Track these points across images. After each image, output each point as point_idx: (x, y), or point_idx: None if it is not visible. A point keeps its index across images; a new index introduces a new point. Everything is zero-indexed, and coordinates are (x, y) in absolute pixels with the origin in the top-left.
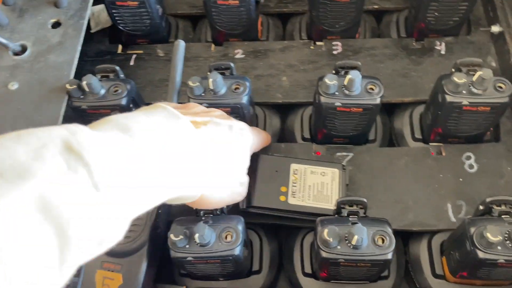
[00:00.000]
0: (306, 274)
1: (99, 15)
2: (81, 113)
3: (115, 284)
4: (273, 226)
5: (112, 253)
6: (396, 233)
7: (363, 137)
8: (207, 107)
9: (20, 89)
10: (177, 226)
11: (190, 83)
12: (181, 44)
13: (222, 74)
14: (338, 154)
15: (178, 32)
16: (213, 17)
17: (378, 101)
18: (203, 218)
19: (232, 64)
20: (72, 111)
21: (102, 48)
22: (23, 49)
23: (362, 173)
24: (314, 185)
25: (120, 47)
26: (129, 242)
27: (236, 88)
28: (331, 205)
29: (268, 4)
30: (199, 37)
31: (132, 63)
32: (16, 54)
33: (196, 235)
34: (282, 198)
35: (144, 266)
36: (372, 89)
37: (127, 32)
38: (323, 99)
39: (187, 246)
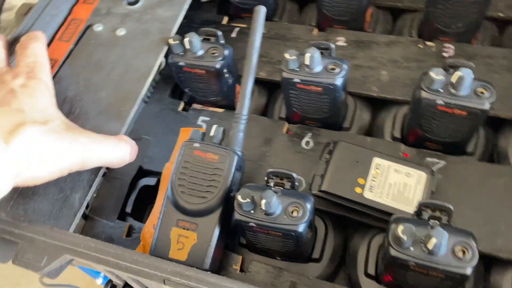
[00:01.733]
0: (368, 275)
1: None
2: (178, 70)
3: (189, 242)
4: (341, 218)
5: (188, 212)
6: (479, 256)
7: (460, 147)
8: (299, 84)
9: (126, 36)
10: (246, 190)
11: (287, 55)
12: (262, 10)
13: (321, 53)
14: (429, 159)
15: (284, 12)
16: (321, 0)
17: (487, 106)
18: (273, 188)
19: (332, 45)
20: (169, 66)
21: (209, 17)
22: (136, 0)
23: (452, 185)
24: (395, 184)
25: (226, 18)
26: (205, 202)
27: (332, 68)
28: (410, 208)
29: None
30: (304, 21)
31: (234, 35)
32: (129, 4)
33: (263, 201)
34: (358, 190)
35: (217, 227)
36: (482, 92)
37: (236, 5)
38: (424, 94)
39: (252, 211)
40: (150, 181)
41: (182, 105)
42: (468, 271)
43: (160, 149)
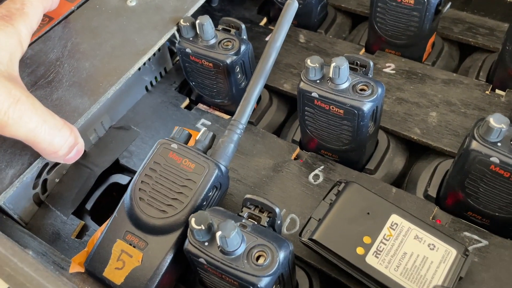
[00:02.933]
0: None
1: None
2: (184, 58)
3: (131, 263)
4: (334, 280)
5: (141, 225)
6: None
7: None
8: (316, 99)
9: (135, 8)
10: (204, 214)
11: (308, 62)
12: (294, 5)
13: (354, 69)
14: (467, 234)
15: (333, 25)
16: (376, 14)
17: None
18: (243, 220)
19: (371, 63)
20: (177, 52)
21: (247, 15)
22: None
23: (490, 274)
24: (412, 255)
25: (265, 19)
26: (163, 217)
27: (362, 89)
28: None
29: (451, 28)
30: (353, 39)
31: (267, 38)
32: None
33: (218, 234)
34: (360, 250)
35: (171, 252)
36: None
37: (278, 6)
38: (475, 145)
39: (206, 243)
40: (122, 179)
41: (187, 102)
42: None
43: (145, 145)
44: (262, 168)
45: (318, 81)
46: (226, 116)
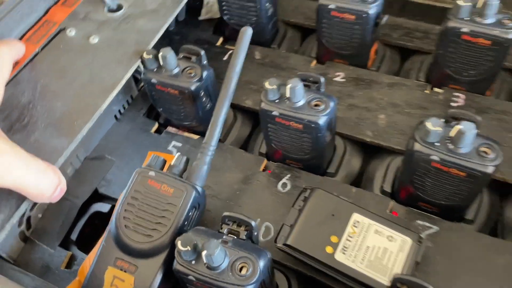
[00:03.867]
0: None
1: (212, 5)
2: (150, 87)
3: (124, 287)
4: (309, 278)
5: (129, 251)
6: None
7: (458, 212)
8: (277, 117)
9: (98, 44)
10: (189, 235)
11: (267, 84)
12: (248, 32)
13: (307, 86)
14: (420, 222)
15: (284, 40)
16: (322, 30)
17: (490, 170)
18: (224, 237)
19: (322, 79)
20: (143, 83)
21: (203, 37)
22: (118, 8)
23: (443, 256)
24: (374, 248)
25: (221, 39)
26: (150, 241)
27: (316, 105)
28: (385, 280)
29: (390, 34)
30: (304, 51)
31: (225, 58)
32: (110, 11)
33: (204, 253)
34: (329, 249)
35: (160, 273)
36: (486, 152)
37: (231, 26)
38: (417, 147)
39: (193, 262)
40: (103, 207)
41: (156, 126)
42: None
43: (122, 173)
44: (234, 182)
45: (277, 101)
46: (195, 136)
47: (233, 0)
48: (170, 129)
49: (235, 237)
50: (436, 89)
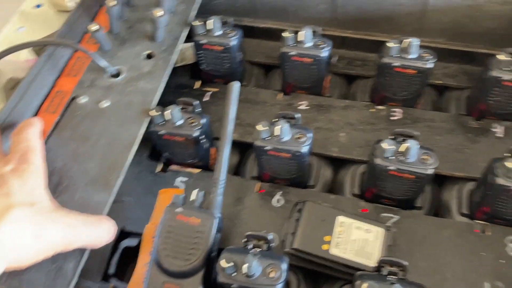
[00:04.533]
0: None
1: (185, 51)
2: (157, 137)
3: None
4: (312, 271)
5: (173, 274)
6: None
7: (410, 203)
8: (269, 151)
9: (110, 108)
10: (228, 254)
11: (259, 127)
12: (235, 86)
13: (288, 122)
14: (384, 214)
15: (252, 77)
16: (285, 70)
17: (430, 171)
18: (251, 251)
19: (298, 115)
20: (149, 134)
21: (183, 82)
22: (118, 73)
23: (405, 238)
24: (357, 240)
25: (198, 83)
26: (189, 264)
27: (299, 138)
28: (371, 262)
29: (337, 65)
30: (269, 85)
31: (206, 98)
32: (112, 76)
33: (245, 265)
34: (325, 247)
35: (201, 287)
36: (426, 159)
37: (207, 71)
38: (377, 161)
39: (234, 274)
40: (131, 242)
41: (160, 166)
42: None
43: (140, 210)
44: (237, 204)
45: (268, 138)
46: (197, 170)
47: (209, 52)
48: (173, 167)
49: (260, 249)
50: (378, 107)
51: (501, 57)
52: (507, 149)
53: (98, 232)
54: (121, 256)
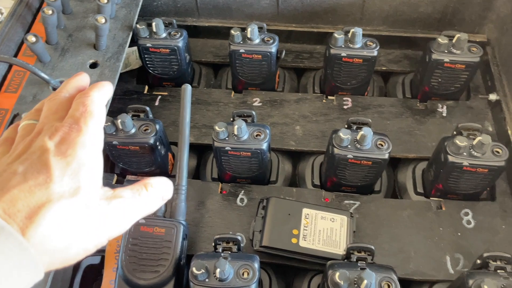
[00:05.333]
0: None
1: (128, 57)
2: (111, 148)
3: None
4: (281, 266)
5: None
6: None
7: (369, 188)
8: (230, 151)
9: None
10: (199, 260)
11: (216, 128)
12: (188, 88)
13: (244, 120)
14: (346, 201)
15: (201, 77)
16: (236, 67)
17: (386, 156)
18: (222, 254)
19: (254, 113)
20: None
21: (130, 88)
22: None
23: (368, 222)
24: (324, 230)
25: (146, 87)
26: (158, 275)
27: (257, 135)
28: (339, 250)
29: (285, 59)
30: (220, 84)
31: (157, 103)
32: (55, 89)
33: (217, 270)
34: (294, 240)
35: None
36: (381, 144)
37: (155, 75)
38: (336, 151)
39: (207, 280)
40: (94, 259)
41: (115, 178)
42: None
43: None
44: (200, 208)
45: (227, 138)
46: None
47: (156, 55)
48: (130, 177)
49: (230, 251)
50: (330, 97)
51: (442, 40)
52: (455, 127)
53: (152, 204)
54: (83, 275)
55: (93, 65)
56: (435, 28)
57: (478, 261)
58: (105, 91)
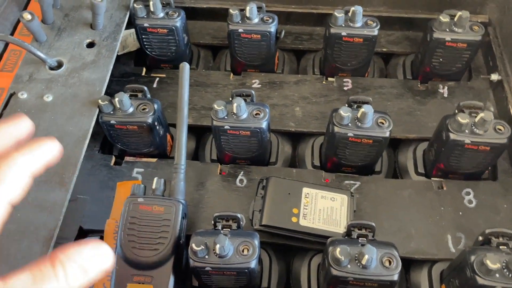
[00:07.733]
0: None
1: (126, 39)
2: (109, 128)
3: None
4: (282, 246)
5: (142, 266)
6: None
7: (370, 168)
8: (229, 130)
9: (54, 101)
10: (198, 237)
11: (215, 106)
12: (186, 67)
13: (244, 100)
14: (346, 182)
15: (199, 59)
16: (235, 48)
17: (387, 134)
18: (222, 231)
19: (253, 92)
20: (100, 125)
21: (128, 70)
22: (59, 64)
23: (368, 201)
24: (324, 209)
25: (144, 69)
26: (157, 254)
27: (256, 114)
28: (339, 229)
29: (285, 40)
30: (219, 66)
31: (155, 85)
32: (52, 69)
33: (217, 246)
34: (294, 219)
35: (172, 276)
36: (382, 123)
37: (152, 56)
38: (336, 129)
39: (206, 256)
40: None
41: (113, 159)
42: (396, 277)
43: (98, 206)
44: (200, 189)
45: (226, 117)
46: (153, 160)
47: (154, 36)
48: (128, 158)
49: (230, 229)
50: (330, 79)
51: (443, 18)
52: (456, 105)
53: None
54: None
55: (90, 45)
56: (436, 9)
57: (480, 238)
58: (39, 155)
